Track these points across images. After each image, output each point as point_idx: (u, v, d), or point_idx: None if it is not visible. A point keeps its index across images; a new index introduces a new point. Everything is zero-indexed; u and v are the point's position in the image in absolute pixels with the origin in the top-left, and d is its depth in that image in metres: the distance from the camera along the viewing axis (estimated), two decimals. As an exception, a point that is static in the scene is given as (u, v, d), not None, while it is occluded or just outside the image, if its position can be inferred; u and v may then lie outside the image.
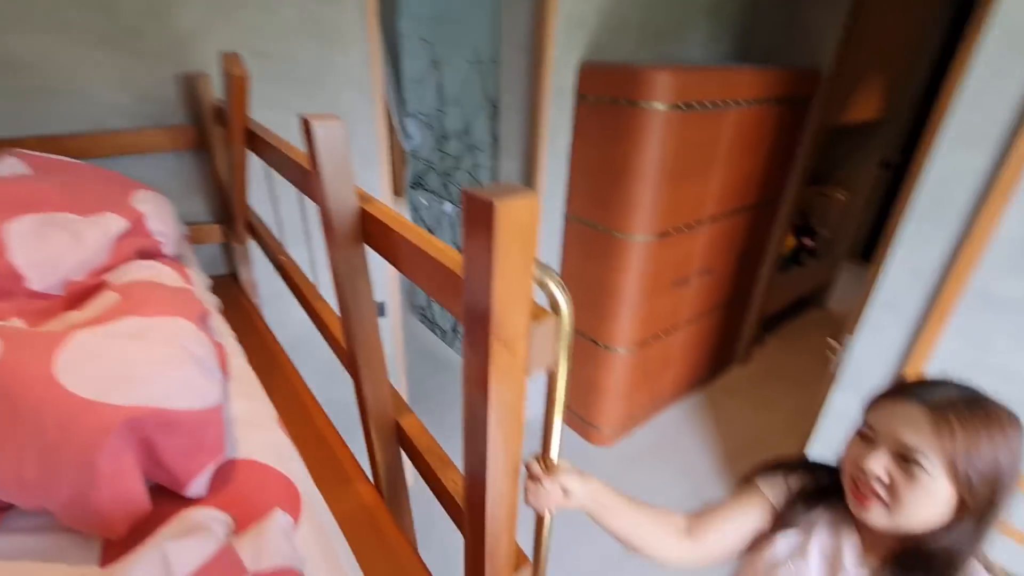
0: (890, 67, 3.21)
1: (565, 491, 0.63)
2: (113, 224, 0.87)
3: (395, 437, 0.84)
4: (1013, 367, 1.42)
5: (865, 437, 0.65)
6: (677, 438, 2.80)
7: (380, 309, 2.04)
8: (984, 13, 1.26)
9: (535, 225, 0.40)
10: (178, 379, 0.54)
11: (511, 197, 0.38)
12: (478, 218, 0.39)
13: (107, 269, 0.84)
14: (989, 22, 1.25)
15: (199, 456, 0.53)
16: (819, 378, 1.91)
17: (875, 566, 0.66)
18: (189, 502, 0.53)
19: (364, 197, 0.71)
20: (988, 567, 0.63)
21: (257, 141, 1.07)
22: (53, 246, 0.81)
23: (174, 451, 0.51)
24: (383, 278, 1.99)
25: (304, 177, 0.86)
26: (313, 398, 1.09)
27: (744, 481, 0.81)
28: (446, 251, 0.56)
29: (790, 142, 2.63)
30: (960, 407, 0.59)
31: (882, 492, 0.61)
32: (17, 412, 0.46)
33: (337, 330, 1.00)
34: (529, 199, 0.39)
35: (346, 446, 0.96)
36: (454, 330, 3.29)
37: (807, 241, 3.73)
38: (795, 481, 0.76)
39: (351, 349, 0.77)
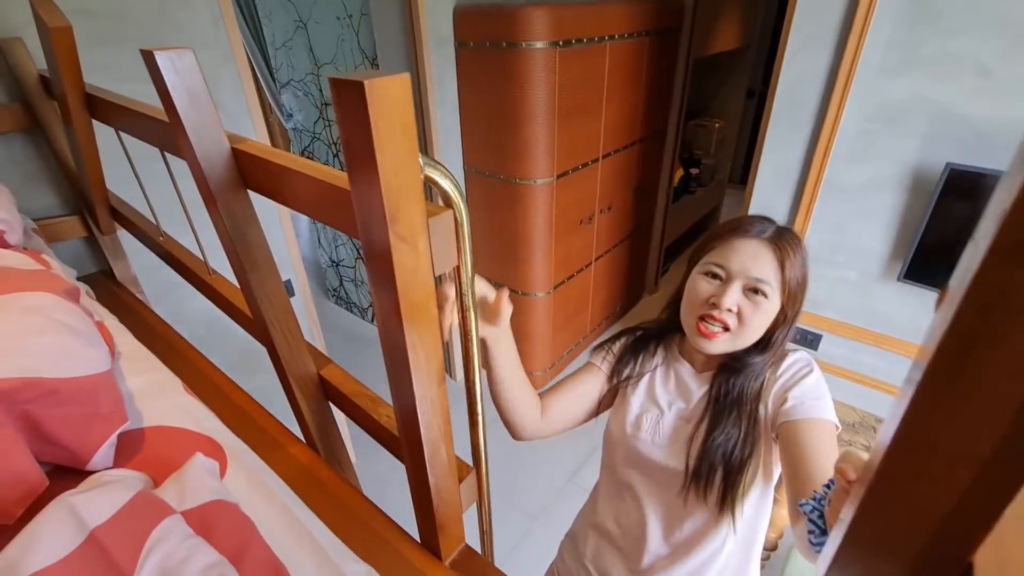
0: (743, -3, 3.45)
1: (483, 299, 0.64)
2: (-68, 214, 0.74)
3: (320, 391, 0.81)
4: (864, 245, 1.64)
5: (715, 276, 0.72)
6: (603, 369, 2.97)
7: (288, 288, 1.93)
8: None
9: (409, 102, 0.39)
10: (50, 348, 0.48)
11: (379, 78, 0.37)
12: (348, 101, 0.38)
13: (-65, 265, 0.71)
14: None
15: (96, 425, 0.49)
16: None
17: (710, 376, 0.77)
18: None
19: (234, 138, 0.66)
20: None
21: (100, 106, 0.94)
22: None
23: (64, 423, 0.46)
24: (285, 257, 1.88)
25: (165, 133, 0.78)
26: (227, 379, 1.02)
27: (584, 366, 0.89)
28: (330, 171, 0.54)
29: (666, 74, 2.77)
30: (786, 236, 0.71)
31: (732, 322, 0.70)
32: None
33: (239, 300, 0.94)
34: (400, 76, 0.38)
35: (271, 416, 0.92)
36: (371, 305, 3.20)
37: (693, 170, 4.01)
38: (618, 346, 0.87)
39: (256, 310, 0.73)
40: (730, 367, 0.74)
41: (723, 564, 0.78)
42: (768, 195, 1.74)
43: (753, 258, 0.70)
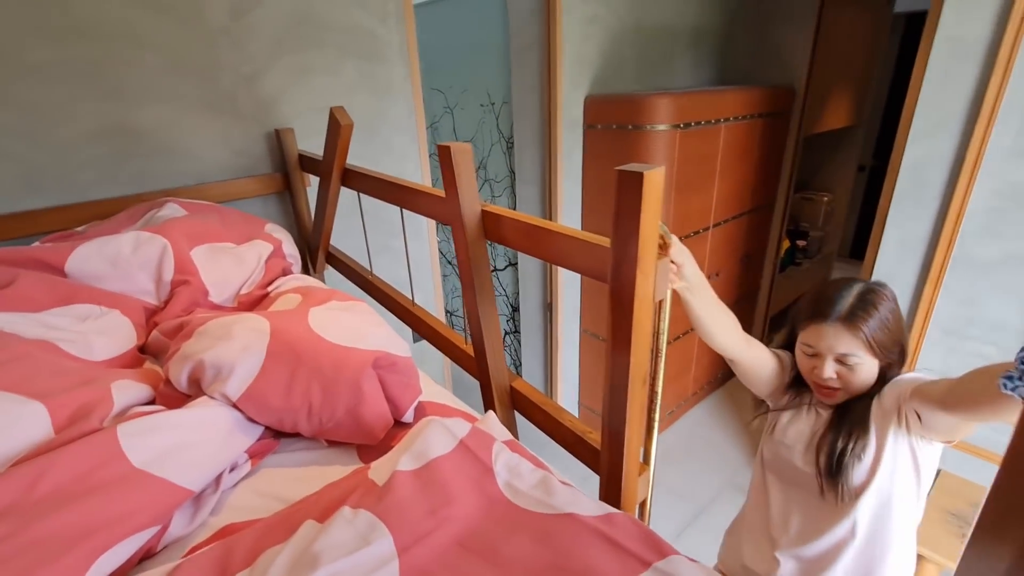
0: (855, 79, 3.56)
1: (678, 265, 0.76)
2: (263, 249, 1.07)
3: (510, 399, 1.02)
4: (1001, 319, 1.63)
5: (810, 355, 0.92)
6: (705, 433, 2.95)
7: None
8: (931, 29, 1.54)
9: (662, 185, 0.60)
10: (387, 335, 0.73)
11: (649, 169, 0.59)
12: (629, 184, 0.60)
13: (265, 284, 1.03)
14: (935, 35, 1.52)
15: (409, 392, 0.71)
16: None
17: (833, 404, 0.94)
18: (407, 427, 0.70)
19: (482, 203, 0.92)
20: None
21: (355, 176, 1.29)
22: (224, 268, 1.01)
23: (396, 385, 0.69)
24: (432, 306, 2.18)
25: (413, 198, 1.08)
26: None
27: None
28: (548, 224, 0.77)
29: (776, 151, 2.91)
30: (859, 308, 0.87)
31: (838, 385, 0.90)
32: (301, 359, 0.65)
33: (437, 324, 1.19)
34: (659, 171, 0.60)
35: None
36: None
37: (800, 243, 4.00)
38: (791, 374, 1.02)
39: (476, 327, 0.96)
40: (855, 398, 0.92)
41: (853, 557, 0.90)
42: (892, 266, 1.79)
43: (834, 339, 0.87)
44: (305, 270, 1.70)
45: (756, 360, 1.00)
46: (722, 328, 0.94)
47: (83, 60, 1.22)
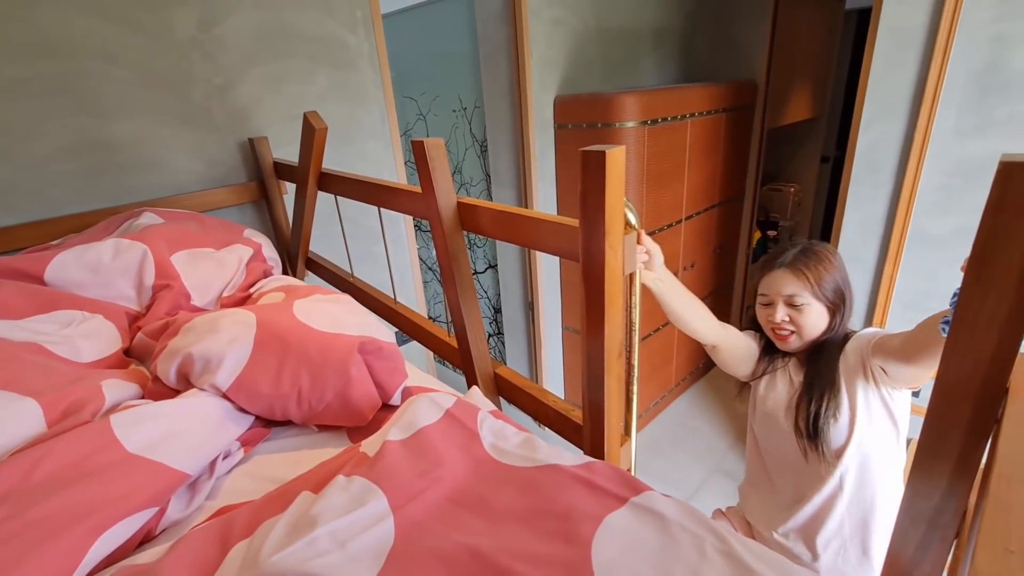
0: (813, 73, 3.70)
1: (649, 254, 0.83)
2: (243, 252, 1.09)
3: (495, 386, 1.05)
4: (958, 291, 1.71)
5: (764, 303, 1.02)
6: (690, 424, 3.01)
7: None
8: (876, 20, 1.63)
9: (623, 164, 0.65)
10: (373, 323, 0.76)
11: (611, 149, 0.63)
12: (593, 163, 0.64)
13: (247, 287, 1.05)
14: (879, 26, 1.61)
15: (396, 376, 0.74)
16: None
17: (803, 366, 1.03)
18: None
19: (458, 196, 0.95)
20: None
21: (331, 180, 1.31)
22: (205, 272, 1.02)
23: (383, 370, 0.72)
24: (414, 308, 2.20)
25: (391, 196, 1.11)
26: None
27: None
28: (521, 210, 0.81)
29: (742, 144, 3.01)
30: (801, 258, 0.98)
31: (790, 327, 0.99)
32: (289, 347, 0.67)
33: (422, 321, 1.22)
34: (619, 150, 0.64)
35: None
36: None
37: (771, 233, 4.12)
38: (763, 344, 1.11)
39: (459, 318, 0.99)
40: (815, 353, 1.01)
41: (846, 507, 0.96)
42: (854, 247, 1.87)
43: (782, 282, 0.99)
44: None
45: (734, 343, 1.09)
46: (697, 317, 1.03)
47: (54, 76, 1.23)
